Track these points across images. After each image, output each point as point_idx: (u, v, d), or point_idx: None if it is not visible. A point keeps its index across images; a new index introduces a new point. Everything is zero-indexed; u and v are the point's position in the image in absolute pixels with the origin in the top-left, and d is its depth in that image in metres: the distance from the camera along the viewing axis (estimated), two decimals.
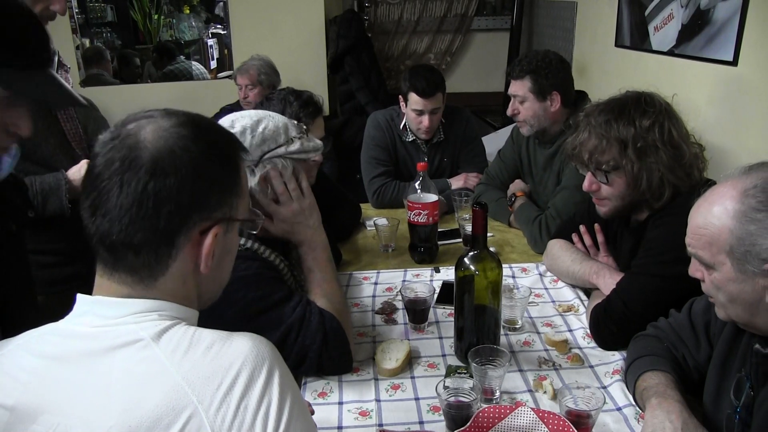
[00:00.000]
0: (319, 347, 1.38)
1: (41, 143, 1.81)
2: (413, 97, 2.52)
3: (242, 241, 1.42)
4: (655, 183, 1.54)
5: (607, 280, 1.65)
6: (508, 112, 2.31)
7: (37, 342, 0.85)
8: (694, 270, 1.15)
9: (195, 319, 0.90)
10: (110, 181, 0.81)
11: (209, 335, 0.82)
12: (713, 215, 1.06)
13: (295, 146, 1.44)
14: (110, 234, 0.82)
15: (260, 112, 1.46)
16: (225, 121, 1.41)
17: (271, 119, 1.44)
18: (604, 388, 1.39)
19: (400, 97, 2.62)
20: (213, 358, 0.79)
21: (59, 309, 0.89)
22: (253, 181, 1.40)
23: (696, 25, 2.51)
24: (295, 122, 1.50)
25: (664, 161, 1.53)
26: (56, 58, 1.94)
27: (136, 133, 0.83)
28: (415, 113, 2.56)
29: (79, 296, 0.87)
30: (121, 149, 0.82)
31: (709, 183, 1.48)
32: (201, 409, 0.75)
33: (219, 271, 0.93)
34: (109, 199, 0.81)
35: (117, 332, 0.82)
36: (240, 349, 0.80)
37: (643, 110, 1.55)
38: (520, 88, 2.25)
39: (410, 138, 2.69)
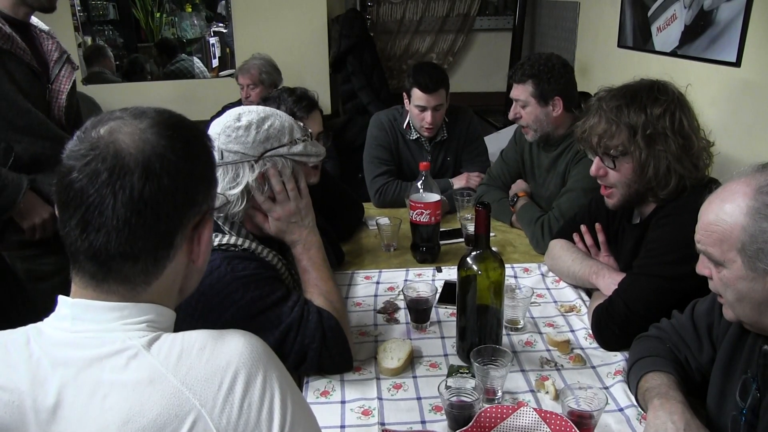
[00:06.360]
0: (318, 346, 1.38)
1: (31, 111, 1.79)
2: (416, 92, 2.52)
3: (239, 241, 1.41)
4: (662, 171, 1.53)
5: (607, 280, 1.65)
6: (510, 116, 2.29)
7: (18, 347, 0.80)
8: (702, 267, 1.15)
9: (173, 322, 0.89)
10: (100, 194, 0.77)
11: (199, 336, 0.81)
12: (725, 212, 1.06)
13: (298, 148, 1.45)
14: (107, 248, 0.79)
15: (268, 109, 1.46)
16: (232, 114, 1.41)
17: (278, 118, 1.44)
18: (606, 388, 1.39)
19: (404, 93, 2.62)
20: (208, 359, 0.78)
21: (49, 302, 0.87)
22: (251, 177, 1.39)
23: (699, 26, 2.50)
24: (301, 125, 1.50)
25: (672, 150, 1.52)
26: (65, 56, 1.95)
27: (115, 140, 0.79)
28: (417, 109, 2.56)
29: (61, 299, 0.84)
30: (105, 159, 0.78)
31: (715, 182, 1.48)
32: (204, 412, 0.74)
33: (205, 262, 0.93)
34: (103, 212, 0.77)
35: (102, 340, 0.79)
36: (234, 347, 0.80)
37: (655, 98, 1.54)
38: (522, 92, 2.22)
39: (414, 136, 2.70)
